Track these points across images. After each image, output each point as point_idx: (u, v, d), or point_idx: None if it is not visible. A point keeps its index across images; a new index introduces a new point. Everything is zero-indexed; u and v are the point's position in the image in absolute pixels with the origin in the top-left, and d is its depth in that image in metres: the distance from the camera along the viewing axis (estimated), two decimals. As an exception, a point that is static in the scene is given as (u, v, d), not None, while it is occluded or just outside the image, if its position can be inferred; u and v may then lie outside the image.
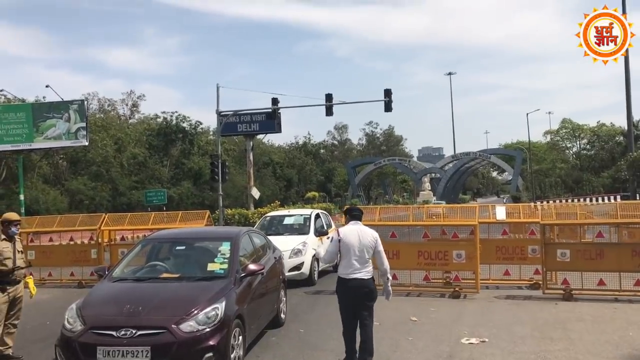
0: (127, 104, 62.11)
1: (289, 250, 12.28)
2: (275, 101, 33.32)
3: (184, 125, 54.33)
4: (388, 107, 30.86)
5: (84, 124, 31.36)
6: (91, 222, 14.18)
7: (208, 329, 5.96)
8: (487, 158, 76.52)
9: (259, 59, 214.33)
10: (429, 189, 71.42)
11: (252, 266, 7.31)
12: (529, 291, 11.28)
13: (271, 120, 34.87)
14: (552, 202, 47.67)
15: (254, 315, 7.24)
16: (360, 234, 6.67)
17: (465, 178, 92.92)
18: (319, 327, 8.68)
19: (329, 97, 31.26)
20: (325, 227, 14.37)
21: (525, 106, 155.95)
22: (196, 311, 6.05)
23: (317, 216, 14.61)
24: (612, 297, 10.20)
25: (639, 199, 36.91)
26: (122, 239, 14.93)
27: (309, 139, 79.50)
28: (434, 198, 64.86)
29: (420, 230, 12.14)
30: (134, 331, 5.80)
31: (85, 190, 43.34)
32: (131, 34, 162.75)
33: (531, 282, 11.57)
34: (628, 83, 37.75)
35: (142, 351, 5.69)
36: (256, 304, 7.40)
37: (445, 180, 74.37)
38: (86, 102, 35.78)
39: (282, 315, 8.87)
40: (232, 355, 6.23)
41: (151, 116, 59.85)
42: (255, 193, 35.48)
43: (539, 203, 31.58)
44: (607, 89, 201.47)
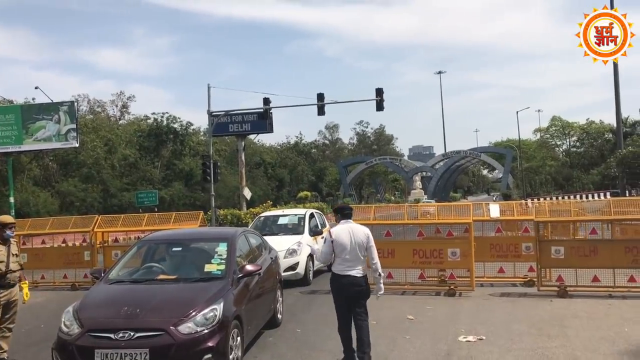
0: (117, 105, 61.87)
1: (284, 250, 12.25)
2: (267, 101, 33.29)
3: (175, 126, 54.19)
4: (380, 107, 30.88)
5: (74, 126, 31.15)
6: (84, 224, 14.08)
7: (207, 331, 5.93)
8: (478, 156, 76.86)
9: (249, 59, 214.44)
10: (420, 187, 71.76)
11: (249, 267, 7.28)
12: (523, 288, 11.31)
13: (263, 120, 34.79)
14: (543, 199, 47.89)
15: (252, 316, 7.22)
16: (352, 233, 6.73)
17: (456, 176, 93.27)
18: (316, 327, 8.66)
19: (320, 97, 31.26)
20: (320, 227, 14.35)
21: (515, 104, 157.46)
22: (194, 312, 6.02)
23: (312, 216, 14.60)
24: (606, 294, 10.26)
25: (628, 195, 37.18)
26: (116, 240, 14.84)
27: (300, 138, 79.60)
28: (425, 197, 65.09)
29: (415, 228, 12.16)
30: (132, 333, 5.75)
31: (76, 192, 43.08)
32: (120, 34, 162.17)
33: (525, 279, 11.62)
34: (617, 81, 37.99)
35: (140, 353, 5.64)
36: (254, 304, 7.38)
37: (436, 178, 74.66)
38: (76, 104, 35.45)
39: (279, 316, 8.85)
40: (231, 356, 6.20)
41: (141, 117, 59.63)
42: (247, 193, 35.40)
43: (529, 200, 31.71)
44: (596, 86, 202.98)
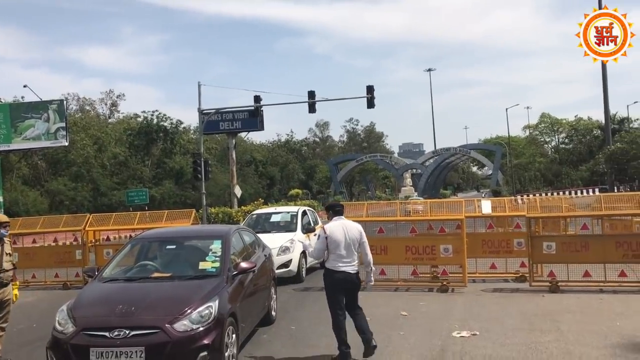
0: (107, 104, 61.49)
1: (277, 247, 12.25)
2: (257, 99, 33.21)
3: (165, 124, 53.94)
4: (370, 104, 30.91)
5: (63, 124, 30.97)
6: (75, 223, 13.98)
7: (202, 328, 5.91)
8: (467, 153, 77.11)
9: (240, 56, 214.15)
10: (411, 184, 71.77)
11: (244, 264, 7.27)
12: (515, 284, 11.39)
13: (254, 118, 34.69)
14: (532, 195, 48.17)
15: (247, 313, 7.22)
16: (345, 229, 6.89)
17: (446, 173, 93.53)
18: (309, 324, 8.68)
19: (311, 95, 31.21)
20: (312, 224, 14.38)
21: (504, 101, 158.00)
22: (190, 310, 6.00)
23: (304, 213, 14.61)
24: (597, 289, 10.35)
25: (616, 191, 37.49)
26: (107, 239, 14.77)
27: (291, 136, 79.52)
28: (416, 194, 65.18)
29: (407, 225, 12.20)
30: (127, 331, 5.73)
31: (66, 191, 42.83)
32: (109, 32, 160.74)
33: (517, 274, 11.70)
34: (605, 78, 38.33)
35: (136, 351, 5.63)
36: (248, 302, 7.38)
37: (426, 175, 74.85)
38: (65, 102, 35.22)
39: (273, 313, 8.86)
40: (226, 354, 6.19)
41: (131, 115, 59.35)
42: (238, 191, 35.31)
43: (519, 197, 31.89)
44: (584, 83, 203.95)
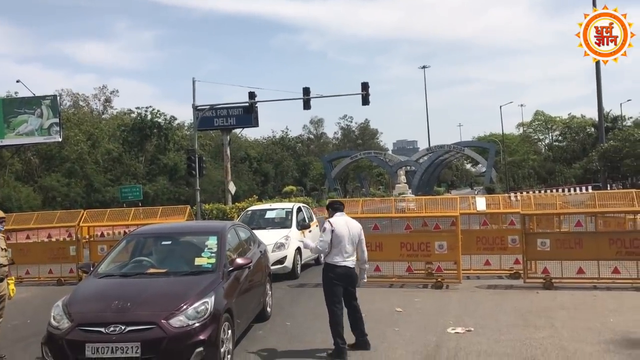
0: (100, 99, 61.25)
1: (272, 244, 12.25)
2: (252, 95, 33.14)
3: (159, 120, 53.74)
4: (365, 101, 30.85)
5: (57, 120, 30.90)
6: (70, 219, 13.95)
7: (198, 324, 5.92)
8: (461, 150, 77.18)
9: (234, 53, 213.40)
10: (405, 181, 71.64)
11: (240, 260, 7.27)
12: (509, 280, 11.43)
13: (248, 114, 34.59)
14: (526, 193, 48.36)
15: (242, 309, 7.23)
16: (348, 225, 7.08)
17: (440, 170, 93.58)
18: (305, 320, 8.70)
19: (306, 91, 31.13)
20: (307, 221, 14.39)
21: (498, 99, 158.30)
22: (185, 306, 6.00)
23: (299, 210, 14.61)
24: (591, 285, 10.40)
25: (609, 189, 37.67)
26: (102, 235, 14.73)
27: (286, 133, 79.43)
28: (410, 191, 65.23)
29: (402, 222, 12.23)
30: (123, 327, 5.73)
31: (59, 187, 42.64)
32: (103, 28, 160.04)
33: (511, 271, 11.74)
34: (599, 76, 38.41)
35: (131, 347, 5.63)
36: (244, 297, 7.39)
37: (420, 173, 74.86)
38: (59, 98, 35.04)
39: (269, 309, 8.87)
40: (222, 350, 6.20)
41: (125, 111, 59.12)
42: (232, 188, 35.25)
43: (512, 194, 32.03)
44: (578, 81, 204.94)
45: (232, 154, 43.44)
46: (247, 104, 33.93)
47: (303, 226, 13.76)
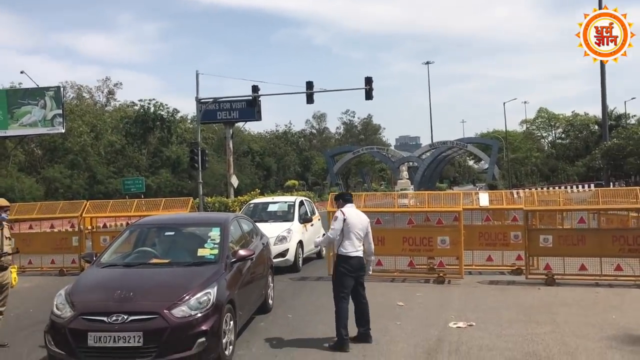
0: (103, 92, 61.20)
1: (274, 237, 12.24)
2: (255, 89, 33.15)
3: (162, 113, 53.74)
4: (369, 95, 30.79)
5: (60, 111, 30.94)
6: (72, 210, 13.94)
7: (200, 314, 5.93)
8: (464, 147, 77.01)
9: (237, 46, 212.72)
10: (407, 177, 71.65)
11: (242, 252, 7.29)
12: (511, 276, 11.43)
13: (251, 108, 34.59)
14: (528, 190, 48.32)
15: (244, 301, 7.24)
16: (359, 216, 7.19)
17: (443, 167, 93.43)
18: (306, 313, 8.71)
19: (309, 85, 31.09)
20: (309, 214, 14.38)
21: (501, 95, 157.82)
22: (188, 296, 6.01)
23: (301, 203, 14.59)
24: (593, 282, 10.39)
25: (612, 187, 37.61)
26: (104, 226, 14.75)
27: (289, 127, 79.38)
28: (412, 187, 65.21)
29: (404, 216, 12.21)
30: (125, 317, 5.74)
31: (62, 179, 42.72)
32: (107, 20, 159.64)
33: (513, 267, 11.73)
34: (603, 74, 38.33)
35: (134, 336, 5.64)
36: (246, 289, 7.40)
37: (423, 169, 74.77)
38: (62, 90, 35.05)
39: (270, 301, 8.88)
40: (224, 340, 6.22)
41: (128, 103, 59.13)
42: (235, 181, 35.28)
43: (515, 191, 31.99)
44: (581, 78, 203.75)
45: (235, 147, 43.49)
46: (250, 97, 33.95)
47: (305, 219, 13.76)
